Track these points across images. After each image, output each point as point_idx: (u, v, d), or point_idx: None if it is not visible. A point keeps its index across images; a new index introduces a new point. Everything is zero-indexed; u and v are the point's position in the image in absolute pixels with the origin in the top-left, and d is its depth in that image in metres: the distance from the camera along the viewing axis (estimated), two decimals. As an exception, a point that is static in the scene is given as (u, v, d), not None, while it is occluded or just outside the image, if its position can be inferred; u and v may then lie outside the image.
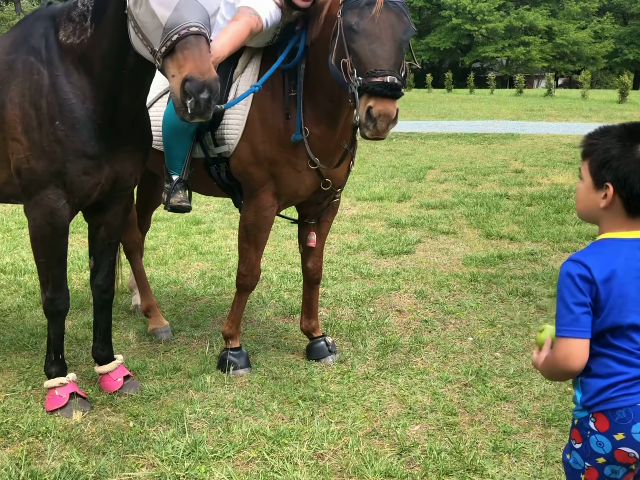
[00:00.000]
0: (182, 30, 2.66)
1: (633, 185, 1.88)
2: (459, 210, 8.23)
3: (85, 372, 3.99)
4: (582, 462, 1.98)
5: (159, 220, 7.80)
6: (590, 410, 1.94)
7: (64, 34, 3.20)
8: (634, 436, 1.88)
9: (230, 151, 3.73)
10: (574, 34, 55.95)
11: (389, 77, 3.10)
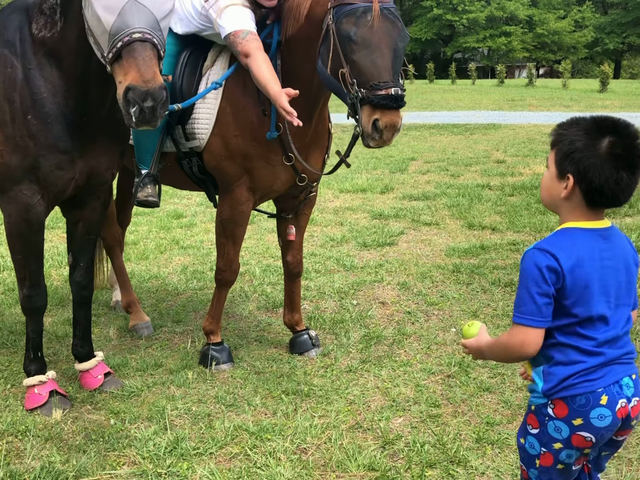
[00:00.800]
0: (125, 37, 2.60)
1: (592, 179, 1.90)
2: (441, 202, 8.23)
3: (66, 369, 3.95)
4: (538, 447, 2.03)
5: (140, 214, 7.73)
6: (550, 398, 1.98)
7: (36, 27, 3.14)
8: (592, 421, 1.94)
9: (201, 146, 3.70)
10: (554, 24, 56.13)
11: (393, 89, 3.09)
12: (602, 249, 1.97)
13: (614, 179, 1.90)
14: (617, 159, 1.89)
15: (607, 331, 1.96)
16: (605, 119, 1.97)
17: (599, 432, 1.95)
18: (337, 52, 3.20)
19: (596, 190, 1.92)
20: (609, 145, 1.89)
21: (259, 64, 3.32)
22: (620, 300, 2.00)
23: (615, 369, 1.97)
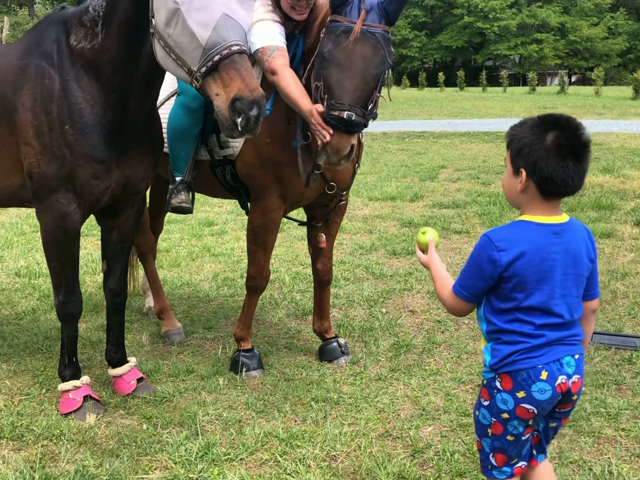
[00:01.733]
0: (223, 50, 2.67)
1: (541, 170, 2.11)
2: (471, 210, 8.20)
3: (99, 374, 4.01)
4: (489, 417, 2.26)
5: (172, 222, 7.82)
6: (497, 372, 2.22)
7: (75, 39, 3.21)
8: (533, 394, 2.16)
9: (234, 154, 3.75)
10: (587, 31, 55.58)
11: (347, 112, 3.11)
12: (551, 243, 2.16)
13: (560, 167, 2.10)
14: (561, 149, 2.10)
15: (547, 318, 2.17)
16: (549, 116, 2.19)
17: (540, 404, 2.18)
18: (314, 64, 3.28)
19: (547, 180, 2.12)
20: (553, 138, 2.10)
21: (287, 82, 3.36)
22: (566, 290, 2.19)
23: (556, 348, 2.18)
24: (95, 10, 3.16)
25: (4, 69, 3.34)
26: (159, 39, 2.85)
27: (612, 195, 8.67)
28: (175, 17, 2.72)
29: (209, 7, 2.68)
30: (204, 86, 2.74)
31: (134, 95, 3.20)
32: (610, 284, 5.39)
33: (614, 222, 7.38)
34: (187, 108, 3.72)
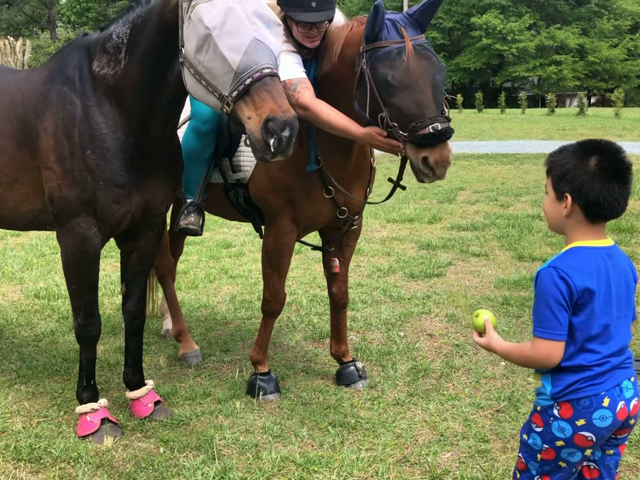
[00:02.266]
0: (255, 73, 2.69)
1: (587, 194, 2.13)
2: (490, 232, 8.17)
3: (117, 397, 4.02)
4: (540, 443, 2.22)
5: (190, 244, 7.86)
6: (557, 400, 2.17)
7: (98, 65, 3.25)
8: (594, 422, 2.13)
9: (246, 177, 3.78)
10: (606, 52, 55.43)
11: (433, 125, 3.07)
12: (609, 266, 2.17)
13: (607, 190, 2.11)
14: (606, 172, 2.12)
15: (610, 343, 2.15)
16: (589, 141, 2.21)
17: (600, 432, 2.14)
18: (374, 96, 3.21)
19: (593, 203, 2.13)
20: (596, 162, 2.13)
21: (328, 114, 3.36)
22: (621, 312, 2.19)
23: (616, 373, 2.16)
24: (119, 38, 3.20)
25: (27, 94, 3.40)
26: (189, 67, 2.88)
27: (633, 218, 8.59)
28: (207, 43, 2.75)
29: (239, 31, 2.71)
30: (235, 110, 2.75)
31: (156, 121, 3.24)
32: (631, 308, 5.32)
33: (634, 245, 7.32)
34: (198, 132, 3.77)
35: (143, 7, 3.15)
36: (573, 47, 55.52)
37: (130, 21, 3.18)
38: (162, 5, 3.04)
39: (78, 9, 56.24)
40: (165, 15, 3.01)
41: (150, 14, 3.09)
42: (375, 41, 3.20)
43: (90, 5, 55.42)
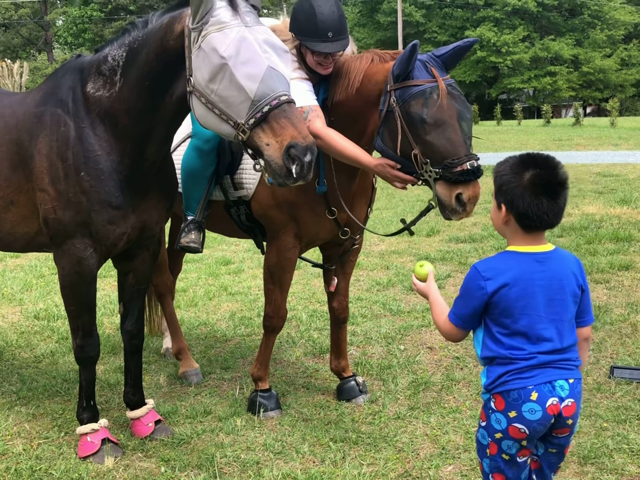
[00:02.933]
0: (273, 100, 2.72)
1: (518, 206, 2.29)
2: (488, 244, 8.17)
3: (117, 417, 4.01)
4: (487, 437, 2.37)
5: (189, 261, 7.86)
6: (491, 392, 2.35)
7: (93, 87, 3.27)
8: (524, 414, 2.26)
9: (249, 195, 3.79)
10: (600, 62, 55.64)
11: (469, 163, 3.16)
12: (535, 271, 2.32)
13: (535, 205, 2.27)
14: (536, 187, 2.27)
15: (540, 342, 2.29)
16: (528, 155, 2.37)
17: (531, 424, 2.27)
18: (405, 133, 3.25)
19: (523, 215, 2.30)
20: (530, 177, 2.28)
21: (340, 142, 3.41)
22: (555, 315, 2.31)
23: (548, 371, 2.29)
24: (115, 60, 3.22)
25: (22, 117, 3.42)
26: (199, 96, 2.87)
27: (630, 227, 8.61)
28: (222, 72, 2.76)
29: (254, 60, 2.74)
30: (252, 138, 2.76)
31: (152, 143, 3.26)
32: (630, 317, 5.33)
33: (632, 254, 7.32)
34: (200, 150, 3.79)
35: (140, 31, 3.17)
36: (567, 58, 55.74)
37: (126, 44, 3.20)
38: (163, 32, 3.05)
39: (75, 30, 56.55)
40: (168, 42, 3.02)
41: (148, 39, 3.11)
42: (405, 80, 3.25)
43: (86, 27, 55.72)
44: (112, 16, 55.05)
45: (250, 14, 2.90)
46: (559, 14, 58.13)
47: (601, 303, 5.70)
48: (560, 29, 57.53)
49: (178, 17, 3.01)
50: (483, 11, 55.65)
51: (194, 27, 2.85)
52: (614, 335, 4.98)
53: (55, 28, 59.43)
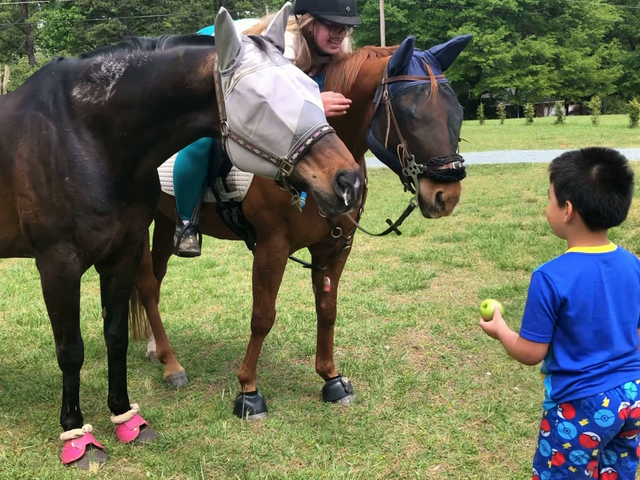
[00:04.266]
0: (315, 132, 2.73)
1: (588, 202, 2.18)
2: (472, 243, 8.21)
3: (102, 422, 3.98)
4: (549, 448, 2.27)
5: (173, 264, 7.83)
6: (558, 402, 2.24)
7: (79, 92, 3.20)
8: (596, 421, 2.18)
9: (241, 196, 3.77)
10: (581, 61, 56.11)
11: (454, 162, 3.19)
12: (603, 272, 2.21)
13: (607, 200, 2.16)
14: (607, 183, 2.17)
15: (609, 348, 2.21)
16: (593, 150, 2.25)
17: (603, 431, 2.19)
18: (394, 127, 3.27)
19: (593, 212, 2.18)
20: (598, 172, 2.18)
21: None
22: (622, 317, 2.23)
23: (616, 375, 2.21)
24: (110, 72, 3.16)
25: (0, 120, 3.36)
26: (237, 139, 2.87)
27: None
28: (260, 111, 2.76)
29: (291, 96, 2.76)
30: (296, 172, 2.77)
31: (150, 156, 3.24)
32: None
33: (615, 250, 7.36)
34: (193, 155, 3.76)
35: (144, 51, 3.13)
36: (549, 57, 56.15)
37: (126, 60, 3.15)
38: (183, 68, 3.01)
39: (56, 33, 56.23)
40: (191, 82, 2.98)
41: (158, 65, 3.07)
42: (399, 74, 3.27)
43: (68, 29, 55.43)
44: (93, 19, 54.79)
45: (277, 54, 2.93)
46: (540, 14, 58.55)
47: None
48: (541, 28, 57.95)
49: (201, 59, 2.98)
50: (465, 11, 55.95)
51: (225, 72, 2.85)
52: None
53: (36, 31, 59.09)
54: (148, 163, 3.27)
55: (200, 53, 3.01)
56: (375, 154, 3.44)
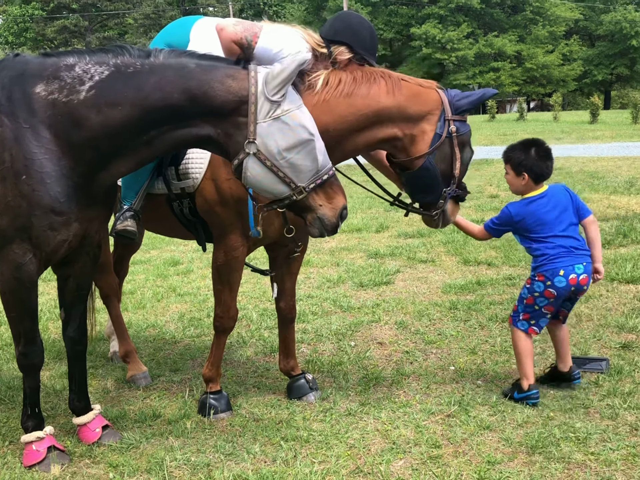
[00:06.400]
0: (330, 171, 3.18)
1: (535, 170, 3.88)
2: (436, 238, 8.27)
3: (64, 423, 3.92)
4: (527, 294, 3.91)
5: (137, 263, 7.75)
6: (535, 271, 3.90)
7: (45, 89, 3.12)
8: (555, 283, 3.81)
9: (194, 185, 3.73)
10: (542, 58, 56.78)
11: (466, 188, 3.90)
12: (541, 202, 3.89)
13: (545, 166, 3.90)
14: (542, 156, 3.90)
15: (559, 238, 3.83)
16: (527, 140, 4.01)
17: (558, 290, 3.81)
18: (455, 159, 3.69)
19: (539, 174, 3.90)
20: (535, 151, 3.89)
21: None
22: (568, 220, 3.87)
23: (570, 258, 3.81)
24: (87, 73, 3.11)
25: None
26: (264, 160, 3.09)
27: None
28: (304, 145, 3.09)
29: (320, 138, 3.17)
30: (306, 198, 3.16)
31: (124, 161, 3.22)
32: (574, 307, 5.44)
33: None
34: None
35: (136, 59, 3.14)
36: (510, 54, 56.72)
37: (110, 64, 3.13)
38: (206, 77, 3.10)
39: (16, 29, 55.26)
40: (214, 90, 3.09)
41: (161, 71, 3.11)
42: (463, 114, 3.72)
43: (28, 26, 54.51)
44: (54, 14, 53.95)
45: None
46: (501, 11, 59.14)
47: (546, 294, 5.81)
48: (503, 26, 58.53)
49: (226, 73, 3.12)
50: (428, 8, 56.28)
51: (275, 100, 3.06)
52: (559, 326, 5.07)
53: (-5, 27, 57.97)
54: (121, 169, 3.24)
55: (220, 67, 3.15)
56: (424, 176, 3.68)
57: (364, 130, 3.64)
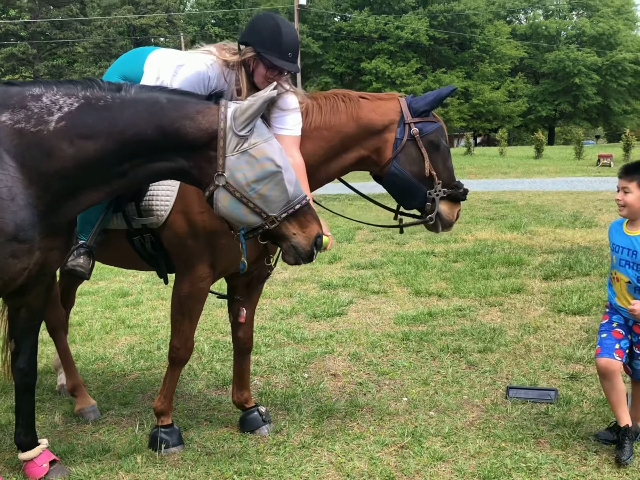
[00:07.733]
0: (303, 200, 3.22)
1: None
2: (388, 270, 8.34)
3: (9, 459, 3.80)
4: None
5: (85, 294, 7.61)
6: None
7: (10, 118, 3.08)
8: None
9: (159, 222, 3.69)
10: (489, 94, 58.30)
11: (464, 187, 3.89)
12: None
13: None
14: None
15: None
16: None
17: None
18: (423, 160, 3.75)
19: None
20: None
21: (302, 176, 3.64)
22: None
23: None
24: (55, 104, 3.09)
25: None
26: (233, 191, 3.15)
27: (521, 251, 8.99)
28: (271, 177, 3.14)
29: (289, 168, 3.22)
30: (279, 228, 3.21)
31: (95, 192, 3.21)
32: (523, 338, 5.54)
33: (523, 277, 7.64)
34: None
35: (106, 92, 3.15)
36: (458, 90, 58.01)
37: (79, 96, 3.11)
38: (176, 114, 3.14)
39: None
40: (184, 127, 3.12)
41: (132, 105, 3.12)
42: (426, 115, 3.81)
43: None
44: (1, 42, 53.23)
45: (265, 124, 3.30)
46: (449, 48, 60.64)
47: (495, 325, 5.91)
48: (451, 62, 60.01)
49: (195, 109, 3.16)
50: (378, 44, 57.34)
51: (242, 135, 3.12)
52: (508, 357, 5.16)
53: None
54: (90, 199, 3.23)
55: (191, 103, 3.19)
56: (395, 181, 3.81)
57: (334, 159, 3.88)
